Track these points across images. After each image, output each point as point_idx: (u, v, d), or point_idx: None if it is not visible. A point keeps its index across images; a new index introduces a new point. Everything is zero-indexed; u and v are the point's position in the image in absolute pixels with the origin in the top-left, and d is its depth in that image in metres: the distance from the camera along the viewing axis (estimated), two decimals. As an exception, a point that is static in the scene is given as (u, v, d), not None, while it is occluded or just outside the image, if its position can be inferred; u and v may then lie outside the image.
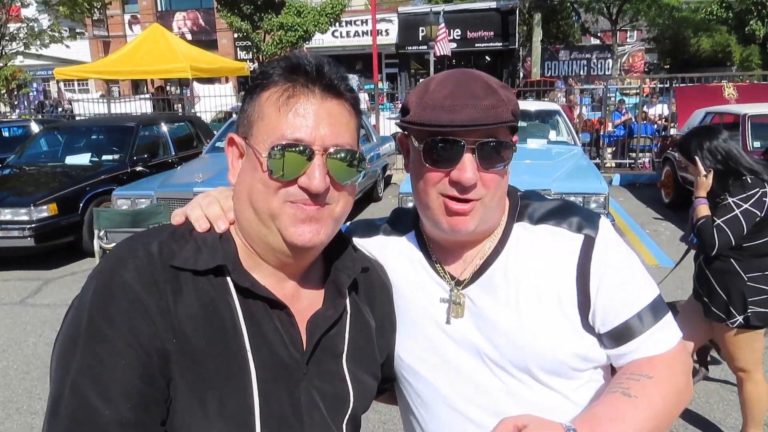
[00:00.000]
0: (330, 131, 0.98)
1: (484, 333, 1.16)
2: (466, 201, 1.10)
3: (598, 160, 12.68)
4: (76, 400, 0.88)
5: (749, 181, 2.96)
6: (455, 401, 1.18)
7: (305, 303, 1.09)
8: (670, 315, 1.15)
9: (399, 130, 1.25)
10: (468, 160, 1.07)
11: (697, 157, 3.09)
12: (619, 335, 1.13)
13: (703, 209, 3.05)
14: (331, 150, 0.98)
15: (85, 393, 0.88)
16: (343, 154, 1.00)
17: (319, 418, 1.04)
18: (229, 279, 0.99)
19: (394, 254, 1.30)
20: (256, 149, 0.98)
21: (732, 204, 2.93)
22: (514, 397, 1.14)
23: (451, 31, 26.99)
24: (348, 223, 1.35)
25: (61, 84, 24.42)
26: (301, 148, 0.96)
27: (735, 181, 2.99)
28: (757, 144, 7.56)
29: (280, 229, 0.99)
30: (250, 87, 1.04)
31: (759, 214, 2.91)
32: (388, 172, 12.33)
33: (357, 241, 1.27)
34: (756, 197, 2.91)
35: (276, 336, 1.01)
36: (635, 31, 39.55)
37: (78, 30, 19.47)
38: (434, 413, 1.22)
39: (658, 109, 14.86)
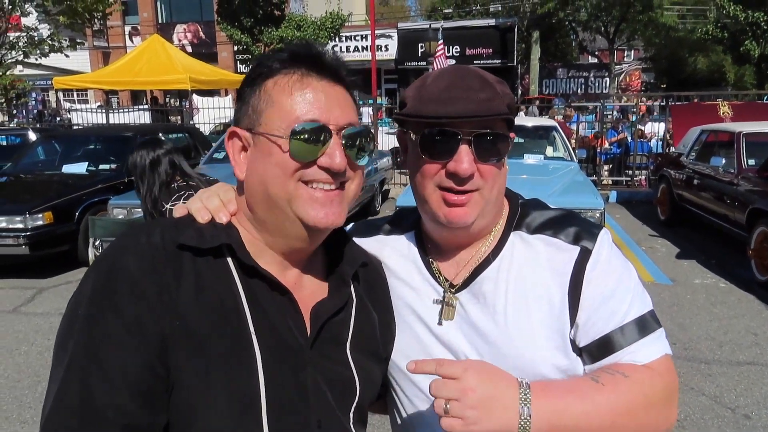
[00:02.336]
0: (341, 112, 1.01)
1: (469, 339, 1.16)
2: (464, 193, 1.10)
3: (594, 177, 12.73)
4: (71, 388, 0.87)
5: (176, 187, 3.39)
6: None
7: (307, 292, 1.09)
8: (659, 332, 1.11)
9: (397, 144, 1.26)
10: (464, 151, 1.08)
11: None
12: (599, 349, 1.09)
13: None
14: (346, 130, 1.01)
15: (81, 380, 0.87)
16: (357, 133, 1.03)
17: (325, 403, 1.03)
18: (230, 261, 1.00)
19: (391, 253, 1.29)
20: (270, 135, 0.99)
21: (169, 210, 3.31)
22: None
23: (450, 47, 27.19)
24: (351, 225, 1.35)
25: (60, 94, 24.46)
26: (321, 128, 0.98)
27: (166, 188, 3.40)
28: (751, 161, 7.59)
29: (299, 214, 0.99)
30: (249, 80, 1.05)
31: None
32: (385, 187, 12.34)
33: (357, 240, 1.27)
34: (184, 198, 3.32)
35: (279, 319, 1.01)
36: (632, 51, 39.95)
37: (78, 40, 19.51)
38: (420, 415, 1.21)
39: (654, 127, 14.95)
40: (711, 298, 6.29)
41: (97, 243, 6.18)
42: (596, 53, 33.99)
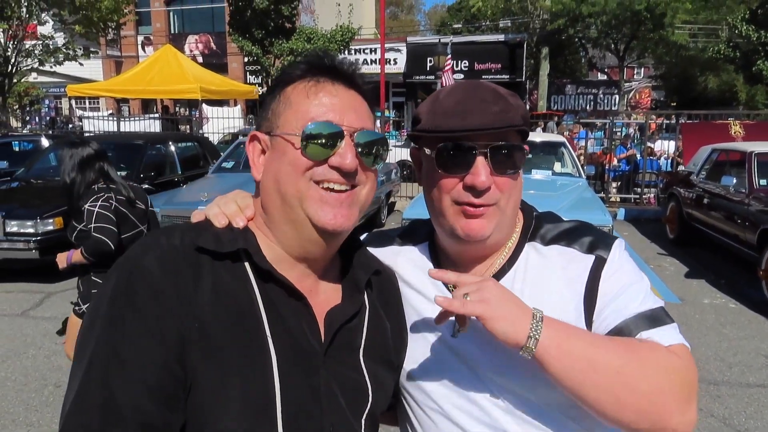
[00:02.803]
0: (356, 116, 1.04)
1: (483, 349, 1.15)
2: (481, 205, 1.11)
3: (603, 194, 12.69)
4: (91, 386, 0.88)
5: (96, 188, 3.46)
6: (453, 414, 1.17)
7: (322, 297, 1.10)
8: (673, 325, 1.09)
9: (403, 157, 1.27)
10: (481, 163, 1.09)
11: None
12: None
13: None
14: (359, 133, 1.03)
15: (101, 378, 0.88)
16: (370, 137, 1.04)
17: (338, 408, 1.04)
18: (247, 265, 1.01)
19: (405, 264, 1.30)
20: (286, 135, 1.02)
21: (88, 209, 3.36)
22: (512, 414, 1.13)
23: (459, 62, 27.31)
24: (365, 235, 1.35)
25: (73, 101, 24.71)
26: (334, 128, 1.01)
27: (87, 188, 3.46)
28: (763, 181, 7.55)
29: (309, 213, 1.01)
30: (271, 88, 1.09)
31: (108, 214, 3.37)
32: (391, 199, 12.36)
33: (371, 249, 1.28)
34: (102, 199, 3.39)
35: (295, 324, 1.02)
36: (642, 68, 39.97)
37: (92, 49, 19.76)
38: (433, 426, 1.20)
39: (664, 145, 14.91)
40: (720, 319, 6.23)
41: (106, 249, 6.19)
42: (606, 70, 34.04)
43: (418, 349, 1.23)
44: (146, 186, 8.60)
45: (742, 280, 7.54)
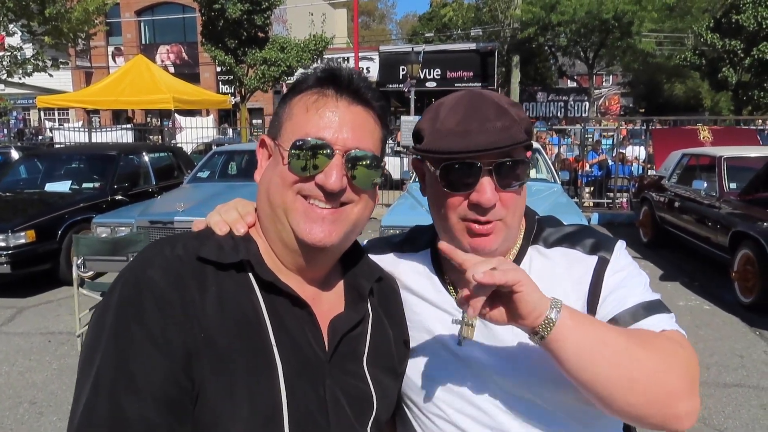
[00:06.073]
0: (353, 135, 1.02)
1: (488, 353, 1.15)
2: (488, 222, 1.11)
3: (576, 200, 12.86)
4: (99, 399, 0.86)
5: None
6: (457, 419, 1.16)
7: (326, 306, 1.10)
8: (670, 315, 1.11)
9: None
10: (486, 182, 1.08)
11: None
12: None
13: None
14: (352, 152, 1.02)
15: (109, 391, 0.86)
16: (363, 158, 1.03)
17: (344, 417, 1.04)
18: (251, 275, 1.01)
19: (407, 271, 1.30)
20: (282, 146, 1.03)
21: None
22: (517, 418, 1.13)
23: (431, 70, 27.54)
24: (365, 241, 1.35)
25: (42, 113, 24.25)
26: (323, 146, 1.00)
27: None
28: (733, 185, 7.73)
29: (293, 225, 1.01)
30: (284, 95, 1.10)
31: None
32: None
33: (372, 257, 1.27)
34: None
35: (299, 333, 1.02)
36: (611, 76, 40.73)
37: (61, 60, 19.39)
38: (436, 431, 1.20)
39: (635, 151, 15.20)
40: (696, 321, 6.34)
41: (79, 262, 6.06)
42: (575, 78, 34.60)
43: (421, 354, 1.22)
44: (120, 197, 8.50)
45: (715, 282, 7.68)
